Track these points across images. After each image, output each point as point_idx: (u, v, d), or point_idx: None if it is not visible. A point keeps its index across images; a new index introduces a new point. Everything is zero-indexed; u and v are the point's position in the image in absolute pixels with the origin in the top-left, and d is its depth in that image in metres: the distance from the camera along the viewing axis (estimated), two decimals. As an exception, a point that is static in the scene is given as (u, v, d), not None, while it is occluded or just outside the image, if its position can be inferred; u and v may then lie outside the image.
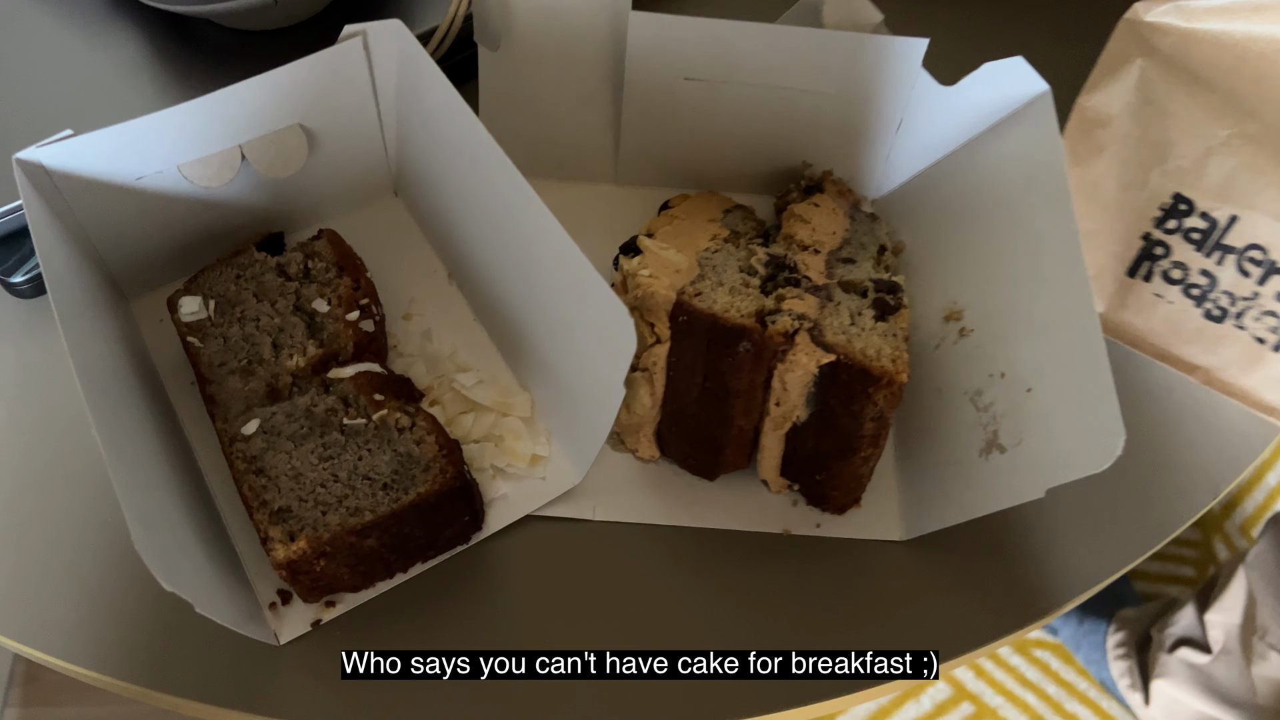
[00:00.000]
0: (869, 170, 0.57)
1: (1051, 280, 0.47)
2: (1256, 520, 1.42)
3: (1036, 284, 0.48)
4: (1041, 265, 0.48)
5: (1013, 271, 0.49)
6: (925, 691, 1.28)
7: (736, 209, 0.56)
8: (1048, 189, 0.48)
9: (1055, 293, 0.46)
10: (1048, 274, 0.47)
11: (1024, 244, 0.49)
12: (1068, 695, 1.32)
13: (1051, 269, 0.47)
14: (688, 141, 0.56)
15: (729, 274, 0.48)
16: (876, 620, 0.48)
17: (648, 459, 0.50)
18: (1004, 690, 1.30)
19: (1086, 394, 0.43)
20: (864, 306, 0.48)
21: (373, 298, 0.50)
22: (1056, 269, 0.47)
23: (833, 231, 0.53)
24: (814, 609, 0.48)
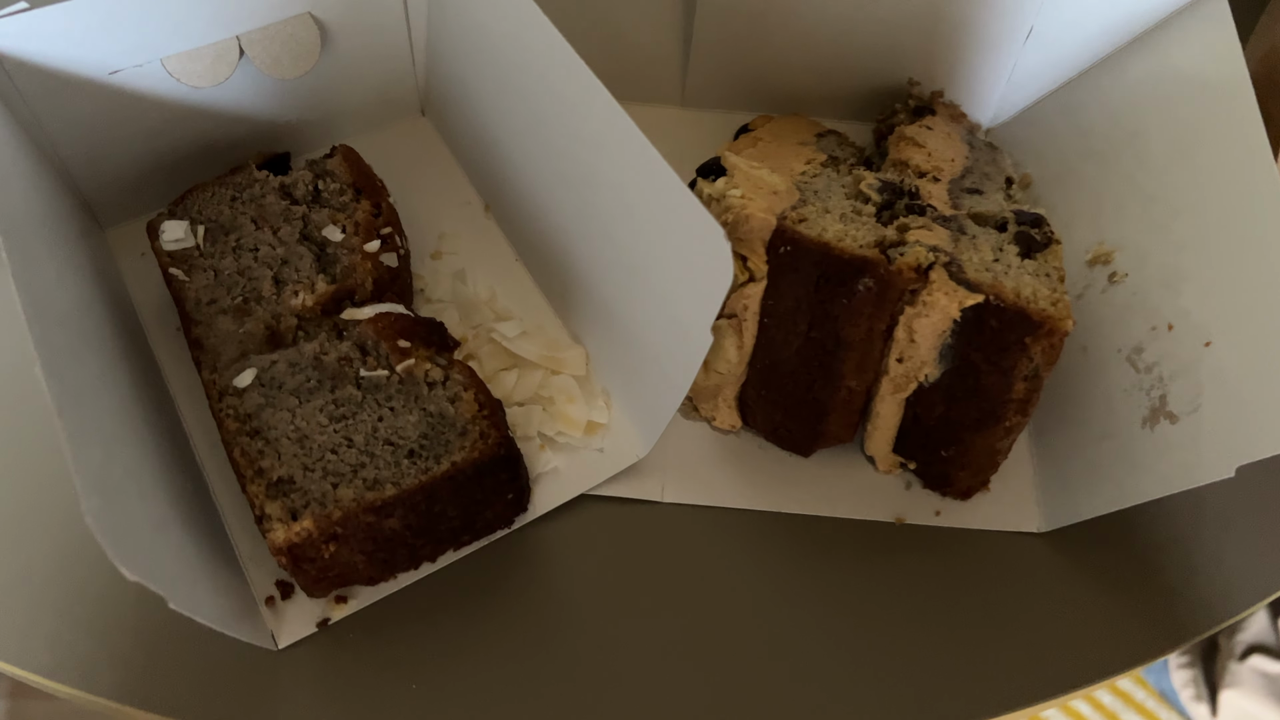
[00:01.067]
0: (988, 90, 0.48)
1: (1235, 213, 0.38)
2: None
3: (1213, 218, 0.39)
4: (1221, 194, 0.39)
5: (1180, 205, 0.40)
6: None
7: (830, 133, 0.47)
8: (1227, 107, 0.39)
9: (1239, 226, 0.37)
10: (1229, 206, 0.38)
11: (1194, 173, 0.40)
12: (1124, 705, 1.23)
13: (1236, 197, 0.38)
14: (771, 54, 0.47)
15: (836, 200, 0.39)
16: (1008, 634, 0.38)
17: (727, 429, 0.41)
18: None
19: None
20: (1005, 242, 0.38)
21: (396, 227, 0.41)
22: (1243, 196, 0.38)
23: (951, 158, 0.44)
24: (931, 617, 0.39)
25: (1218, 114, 0.40)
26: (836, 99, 0.49)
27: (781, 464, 0.41)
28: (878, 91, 0.48)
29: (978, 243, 0.38)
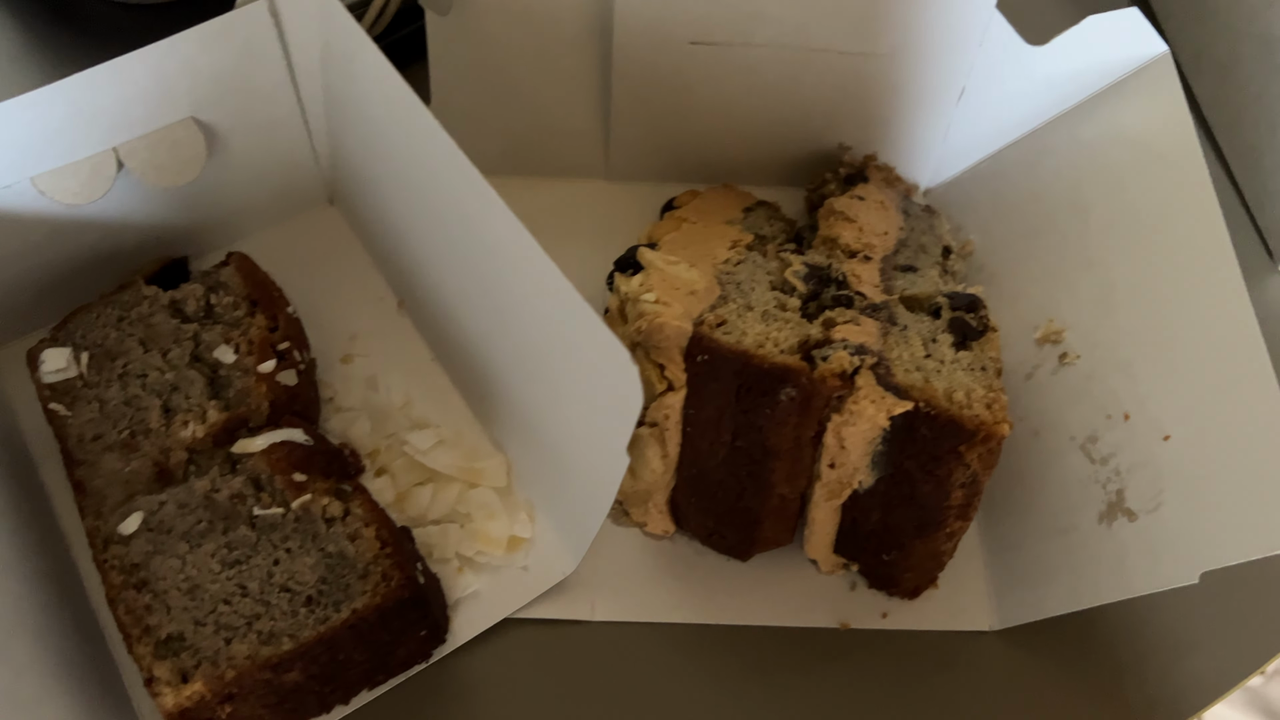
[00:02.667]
0: (923, 152, 0.46)
1: (1194, 292, 0.36)
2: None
3: (1169, 300, 0.36)
4: (1177, 274, 0.37)
5: (1133, 283, 0.38)
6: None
7: (759, 206, 0.45)
8: (1179, 176, 0.37)
9: (1199, 308, 0.35)
10: (1188, 284, 0.36)
11: (1146, 249, 0.38)
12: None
13: (1192, 278, 0.36)
14: (695, 123, 0.45)
15: (759, 293, 0.37)
16: (966, 740, 0.36)
17: (660, 535, 0.39)
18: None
19: (1252, 443, 0.32)
20: (938, 330, 0.36)
21: (296, 340, 0.39)
22: (1199, 277, 0.36)
23: (884, 231, 0.41)
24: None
25: (1169, 186, 0.38)
26: (768, 166, 0.47)
27: (719, 570, 0.39)
28: (810, 157, 0.46)
29: (909, 335, 0.35)
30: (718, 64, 0.42)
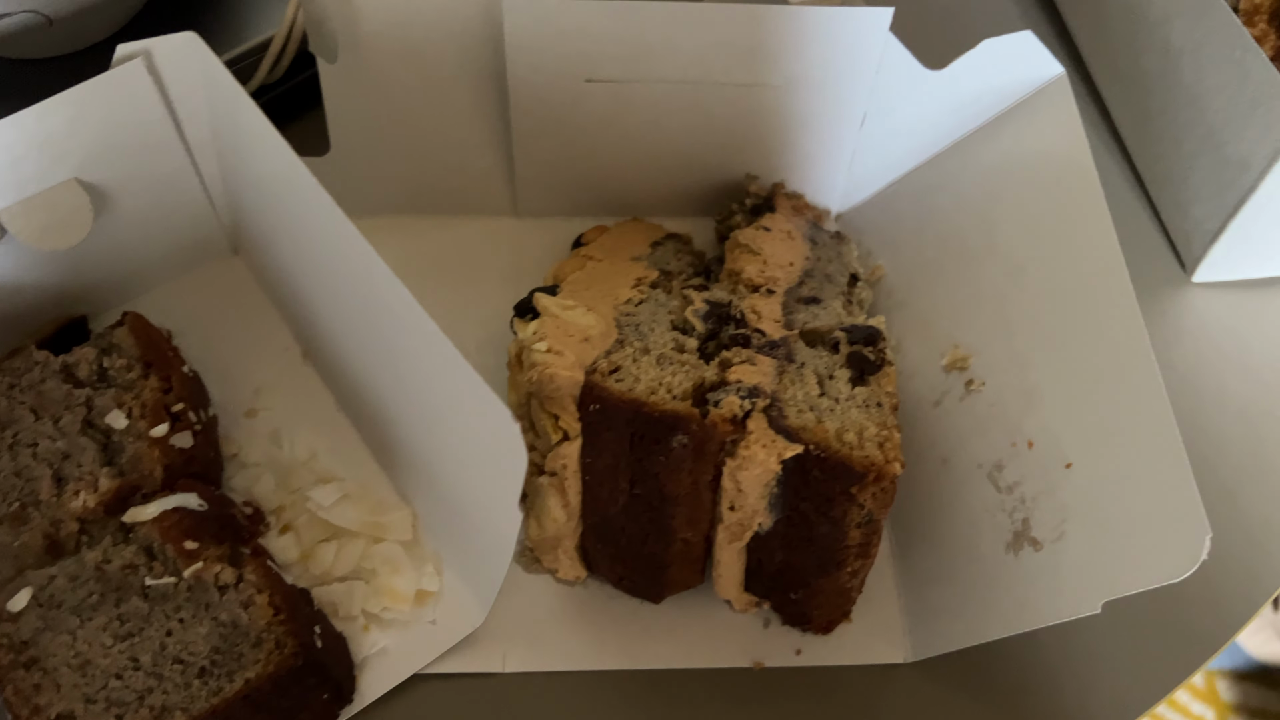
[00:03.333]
0: (830, 177, 0.45)
1: (1091, 317, 0.36)
2: None
3: (1070, 322, 0.36)
4: (1075, 297, 0.36)
5: (1034, 307, 0.38)
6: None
7: (668, 240, 0.45)
8: (1075, 198, 0.37)
9: (1098, 333, 0.35)
10: (1085, 309, 0.36)
11: (1046, 273, 0.38)
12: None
13: (1090, 302, 0.36)
14: (598, 160, 0.44)
15: (658, 335, 0.36)
16: (884, 775, 0.36)
17: (572, 581, 0.39)
18: None
19: (1151, 472, 0.32)
20: (836, 366, 0.36)
21: (192, 400, 0.38)
22: (1097, 301, 0.35)
23: (789, 262, 0.41)
24: (801, 766, 0.36)
25: (1066, 209, 0.38)
26: (678, 198, 0.46)
27: (633, 614, 0.39)
28: (719, 187, 0.46)
29: (805, 373, 0.35)
30: (616, 100, 0.42)
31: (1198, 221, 0.45)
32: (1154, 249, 0.48)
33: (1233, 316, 0.46)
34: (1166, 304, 0.47)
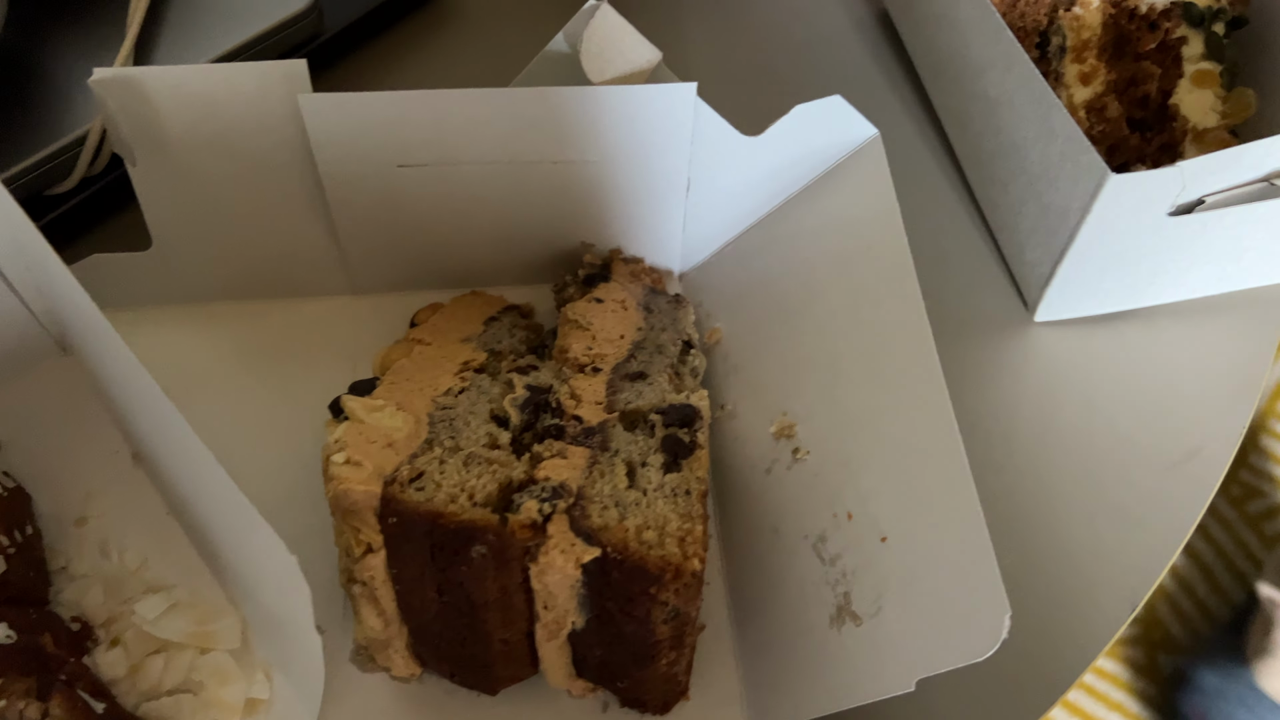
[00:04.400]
0: (667, 240, 0.45)
1: (898, 386, 0.36)
2: None
3: (880, 391, 0.36)
4: (884, 365, 0.37)
5: (851, 373, 0.38)
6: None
7: (506, 313, 0.44)
8: (885, 263, 0.37)
9: (904, 403, 0.35)
10: (893, 377, 0.36)
11: (863, 336, 0.38)
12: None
13: (897, 370, 0.36)
14: (428, 237, 0.44)
15: (473, 429, 0.36)
16: None
17: (407, 677, 0.38)
18: None
19: (956, 549, 0.32)
20: (650, 450, 0.36)
21: (9, 519, 0.37)
22: (903, 370, 0.36)
23: (620, 335, 0.41)
24: None
25: (879, 274, 0.38)
26: (518, 267, 0.46)
27: (471, 706, 0.38)
28: (557, 255, 0.46)
29: (617, 463, 0.35)
30: (433, 182, 0.41)
31: (1031, 265, 0.45)
32: (1001, 289, 0.48)
33: (1073, 353, 0.46)
34: (1011, 343, 0.47)
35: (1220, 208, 0.40)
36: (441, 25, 0.54)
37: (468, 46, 0.54)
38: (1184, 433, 0.44)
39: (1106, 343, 0.46)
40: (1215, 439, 0.44)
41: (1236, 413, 0.45)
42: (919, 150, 0.51)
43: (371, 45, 0.53)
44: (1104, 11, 0.46)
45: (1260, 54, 0.48)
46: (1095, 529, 0.43)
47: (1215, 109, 0.46)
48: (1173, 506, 0.43)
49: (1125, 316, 0.47)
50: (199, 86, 0.38)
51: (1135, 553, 0.42)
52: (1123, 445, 0.44)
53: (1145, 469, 0.44)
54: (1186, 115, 0.46)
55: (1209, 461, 0.44)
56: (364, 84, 0.51)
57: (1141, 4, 0.46)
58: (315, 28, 0.49)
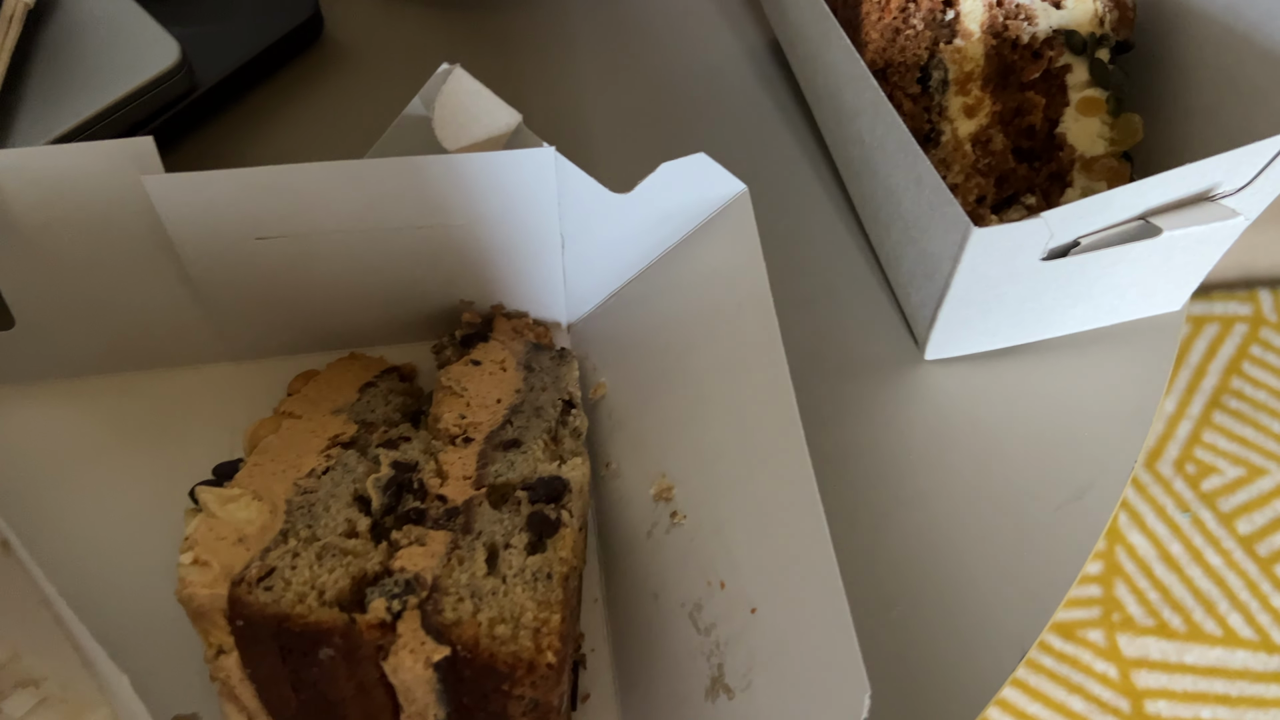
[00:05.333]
0: (550, 294, 0.44)
1: (764, 452, 0.35)
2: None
3: (748, 455, 0.36)
4: (751, 429, 0.36)
5: (721, 436, 0.38)
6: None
7: (385, 377, 0.43)
8: (751, 322, 0.36)
9: (769, 471, 0.35)
10: (758, 442, 0.36)
11: (730, 397, 0.37)
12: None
13: (762, 435, 0.35)
14: (300, 303, 0.43)
15: (332, 515, 0.35)
16: None
17: (286, 764, 0.38)
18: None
19: (817, 625, 0.32)
20: (515, 530, 0.35)
21: None
22: (768, 436, 0.35)
23: (497, 399, 0.40)
24: None
25: (747, 332, 0.37)
26: (398, 326, 0.45)
27: (350, 789, 0.38)
28: (439, 313, 0.45)
29: (478, 546, 0.34)
30: (296, 251, 0.40)
31: (916, 306, 0.45)
32: (893, 327, 0.48)
33: (964, 391, 0.46)
34: (903, 382, 0.46)
35: (1096, 250, 0.39)
36: (323, 70, 0.53)
37: (352, 90, 0.52)
38: (1076, 469, 0.44)
39: (998, 379, 0.46)
40: (1107, 474, 0.44)
41: (1128, 447, 0.45)
42: (812, 183, 0.51)
43: (251, 96, 0.52)
44: (986, 43, 0.45)
45: (1148, 76, 0.48)
46: (987, 571, 0.42)
47: (1103, 135, 0.46)
48: (1063, 547, 0.43)
49: (1016, 352, 0.46)
50: (45, 168, 0.37)
51: (1026, 596, 0.42)
52: (1015, 483, 0.44)
53: (1037, 507, 0.43)
54: (1074, 144, 0.46)
55: (1100, 497, 0.44)
56: (243, 138, 0.50)
57: (1023, 34, 0.46)
58: (186, 84, 0.48)
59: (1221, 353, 1.46)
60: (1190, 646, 1.29)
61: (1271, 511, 1.35)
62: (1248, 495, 1.36)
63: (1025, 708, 1.25)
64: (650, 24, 0.55)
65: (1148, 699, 1.26)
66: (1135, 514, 1.36)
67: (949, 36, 0.45)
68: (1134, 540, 1.34)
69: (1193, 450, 1.39)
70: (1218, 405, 1.42)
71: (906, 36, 0.45)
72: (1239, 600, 1.31)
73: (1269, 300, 1.50)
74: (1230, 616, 1.30)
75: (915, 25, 0.45)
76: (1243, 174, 0.39)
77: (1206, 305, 1.49)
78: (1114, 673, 1.28)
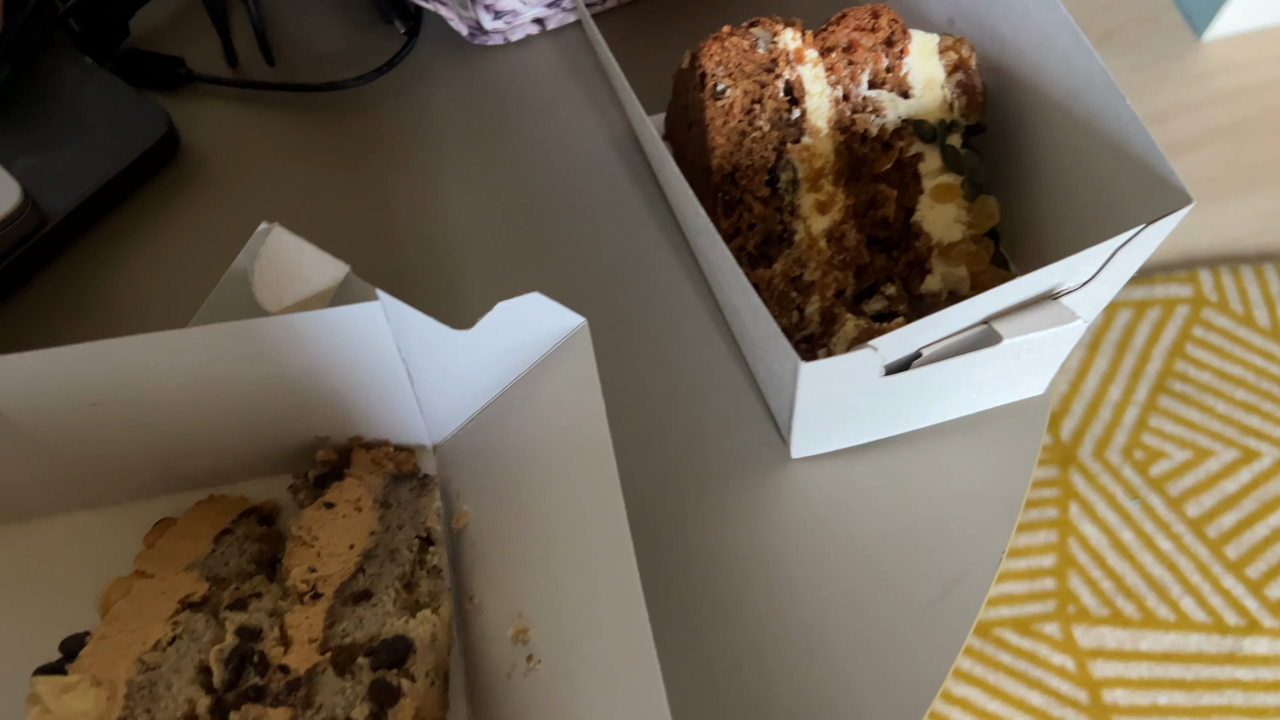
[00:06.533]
0: (407, 422, 0.44)
1: (605, 600, 0.35)
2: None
3: (592, 603, 0.36)
4: (592, 574, 0.36)
5: (569, 581, 0.37)
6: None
7: (243, 520, 0.43)
8: (590, 459, 0.36)
9: (609, 620, 0.35)
10: (600, 589, 0.35)
11: (575, 540, 0.37)
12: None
13: (603, 582, 0.35)
14: (147, 454, 0.42)
15: (174, 695, 0.35)
16: None
17: None
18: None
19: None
20: (357, 700, 0.35)
21: None
22: (607, 583, 0.35)
23: (350, 545, 0.40)
24: None
25: (587, 469, 0.37)
26: (256, 463, 0.45)
27: None
28: (297, 448, 0.44)
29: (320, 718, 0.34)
30: (135, 411, 0.40)
31: (776, 410, 0.45)
32: (761, 424, 0.47)
33: (832, 488, 0.46)
34: (772, 481, 0.46)
35: (937, 361, 0.39)
36: (182, 187, 0.52)
37: (212, 205, 0.52)
38: (946, 563, 0.44)
39: (865, 473, 0.46)
40: (976, 568, 0.44)
41: (997, 535, 0.45)
42: (681, 280, 0.50)
43: (107, 221, 0.51)
44: (834, 139, 0.45)
45: (1005, 153, 0.48)
46: (859, 673, 0.42)
47: (959, 220, 0.46)
48: (933, 647, 0.43)
49: (881, 445, 0.46)
50: None
51: (895, 700, 0.42)
52: (886, 581, 0.44)
53: (907, 606, 0.44)
54: (930, 231, 0.46)
55: (970, 590, 0.44)
56: (101, 266, 0.50)
57: (872, 126, 0.45)
58: (33, 223, 0.47)
59: (1164, 336, 1.47)
60: (1145, 633, 1.30)
61: (1220, 493, 1.36)
62: (1195, 478, 1.37)
63: (985, 705, 1.27)
64: (513, 118, 0.54)
65: (1105, 689, 1.28)
66: (1086, 504, 1.37)
67: (796, 136, 0.45)
68: (1086, 530, 1.35)
69: (1140, 436, 1.40)
70: (1163, 389, 1.43)
71: (753, 139, 0.44)
72: (1191, 584, 1.32)
73: (1209, 280, 1.51)
74: (1183, 600, 1.31)
75: (761, 127, 0.44)
76: (1081, 274, 0.39)
77: (1148, 289, 1.50)
78: (1071, 665, 1.29)
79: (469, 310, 0.48)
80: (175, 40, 0.55)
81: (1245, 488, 1.37)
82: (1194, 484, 1.37)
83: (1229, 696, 1.27)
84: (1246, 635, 1.29)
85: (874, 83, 0.45)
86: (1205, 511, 1.35)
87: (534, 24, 0.55)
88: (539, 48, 0.56)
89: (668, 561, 0.44)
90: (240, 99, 0.54)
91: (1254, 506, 1.35)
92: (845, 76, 0.45)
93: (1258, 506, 1.36)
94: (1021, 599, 1.32)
